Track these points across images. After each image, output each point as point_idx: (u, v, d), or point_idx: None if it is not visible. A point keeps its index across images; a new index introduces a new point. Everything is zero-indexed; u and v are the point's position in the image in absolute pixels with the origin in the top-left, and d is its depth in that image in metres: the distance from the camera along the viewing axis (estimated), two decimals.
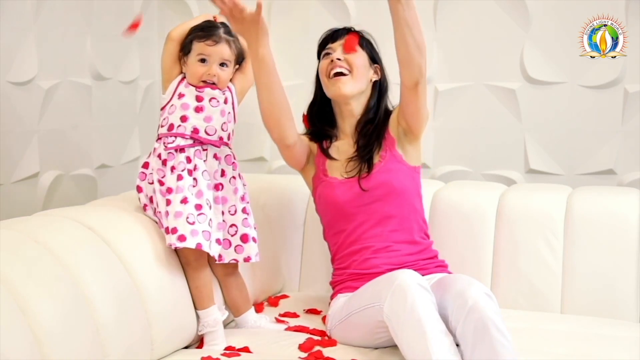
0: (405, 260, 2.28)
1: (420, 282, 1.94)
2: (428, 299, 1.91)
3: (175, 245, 2.04)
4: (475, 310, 1.88)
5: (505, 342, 1.86)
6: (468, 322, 1.89)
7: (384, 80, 2.43)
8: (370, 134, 2.34)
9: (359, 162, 2.32)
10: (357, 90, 2.34)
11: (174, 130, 2.13)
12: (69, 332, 1.70)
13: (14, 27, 2.50)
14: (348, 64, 2.33)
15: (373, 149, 2.32)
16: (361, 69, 2.34)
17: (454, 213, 2.62)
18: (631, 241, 2.48)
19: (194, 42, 2.15)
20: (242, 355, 2.06)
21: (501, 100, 2.99)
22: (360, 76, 2.34)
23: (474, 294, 1.92)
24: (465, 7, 2.99)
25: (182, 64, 2.18)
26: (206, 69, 2.14)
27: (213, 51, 2.14)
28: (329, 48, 2.36)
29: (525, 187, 2.76)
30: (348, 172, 2.33)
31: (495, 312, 1.90)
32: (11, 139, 2.51)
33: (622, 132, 2.88)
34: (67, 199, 2.71)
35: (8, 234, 1.83)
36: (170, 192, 2.09)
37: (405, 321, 1.89)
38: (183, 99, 2.14)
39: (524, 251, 2.55)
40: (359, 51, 2.36)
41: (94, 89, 2.88)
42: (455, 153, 3.07)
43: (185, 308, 2.11)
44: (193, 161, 2.12)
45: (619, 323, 2.39)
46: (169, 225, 2.05)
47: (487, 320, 1.87)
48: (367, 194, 2.29)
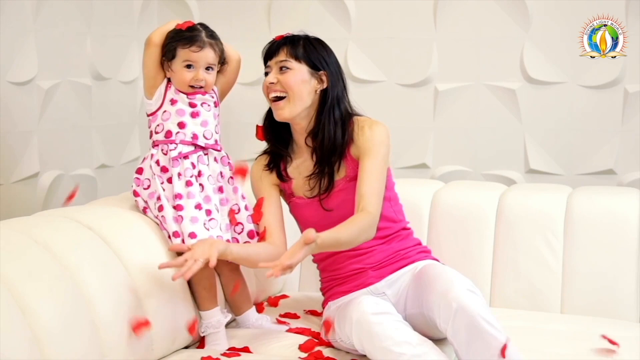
0: (380, 258, 2.26)
1: (375, 310, 1.95)
2: (389, 324, 1.92)
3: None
4: (462, 310, 1.89)
5: (496, 333, 1.88)
6: (457, 323, 1.90)
7: (334, 85, 2.24)
8: (326, 149, 2.22)
9: (318, 180, 2.23)
10: (297, 111, 2.21)
11: (173, 137, 2.14)
12: (69, 331, 1.70)
13: (14, 27, 2.50)
14: (283, 87, 2.20)
15: (332, 164, 2.22)
16: (298, 87, 2.19)
17: (454, 213, 2.62)
18: (631, 241, 2.48)
19: (178, 49, 2.14)
20: (242, 355, 2.06)
21: (501, 100, 2.99)
22: (298, 96, 2.20)
23: (457, 294, 1.92)
24: (465, 7, 2.99)
25: (166, 69, 2.18)
26: (193, 75, 2.15)
27: (199, 57, 2.14)
28: (268, 67, 2.25)
29: (525, 187, 2.76)
30: (309, 191, 2.26)
31: (481, 307, 1.91)
32: (11, 139, 2.51)
33: (622, 132, 2.88)
34: None
35: (8, 234, 1.83)
36: (180, 198, 2.10)
37: (377, 352, 1.91)
38: (177, 105, 2.15)
39: (524, 251, 2.55)
40: (294, 67, 2.20)
41: (94, 89, 2.88)
42: (455, 153, 3.07)
43: (185, 308, 2.11)
44: (197, 167, 2.14)
45: (619, 323, 2.39)
46: (186, 230, 2.06)
47: (476, 318, 1.88)
48: (332, 213, 2.22)
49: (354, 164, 2.22)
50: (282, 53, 2.22)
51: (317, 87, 2.23)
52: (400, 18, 3.05)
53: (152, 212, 2.15)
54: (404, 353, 1.87)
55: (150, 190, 2.15)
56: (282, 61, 2.21)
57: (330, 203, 2.23)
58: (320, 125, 2.22)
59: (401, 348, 1.87)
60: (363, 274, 2.24)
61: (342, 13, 3.10)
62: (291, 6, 3.17)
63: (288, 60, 2.21)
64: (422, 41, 3.04)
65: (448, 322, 1.91)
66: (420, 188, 2.75)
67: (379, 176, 2.17)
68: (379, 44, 3.10)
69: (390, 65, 3.10)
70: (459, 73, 3.03)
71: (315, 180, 2.24)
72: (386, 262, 2.25)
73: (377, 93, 3.12)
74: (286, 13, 3.17)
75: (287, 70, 2.20)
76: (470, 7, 2.99)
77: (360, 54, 3.11)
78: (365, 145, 2.19)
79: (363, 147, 2.19)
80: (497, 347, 1.86)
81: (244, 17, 3.21)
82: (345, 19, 3.10)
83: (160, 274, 2.04)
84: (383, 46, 3.10)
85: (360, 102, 3.14)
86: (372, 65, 3.12)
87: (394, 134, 3.11)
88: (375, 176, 2.16)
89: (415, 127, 3.10)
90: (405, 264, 2.25)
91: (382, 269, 2.24)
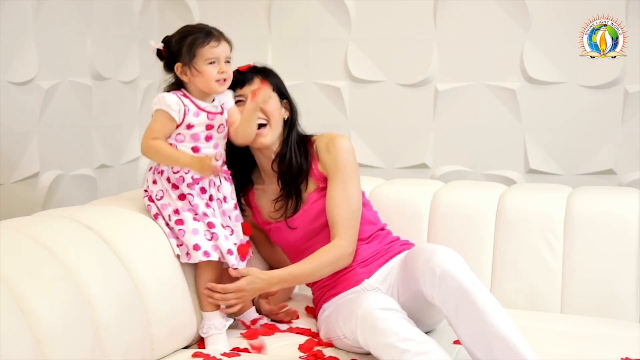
0: (366, 255, 2.30)
1: (381, 305, 1.96)
2: (394, 320, 1.93)
3: (199, 259, 2.08)
4: (446, 274, 1.94)
5: (482, 293, 1.92)
6: (443, 287, 1.94)
7: (294, 111, 2.34)
8: (292, 173, 2.29)
9: (285, 202, 2.30)
10: (276, 137, 2.28)
11: None
12: (69, 332, 1.70)
13: (14, 27, 2.50)
14: (265, 114, 2.24)
15: (299, 185, 2.30)
16: (276, 114, 2.27)
17: (454, 213, 2.62)
18: (631, 241, 2.47)
19: (197, 48, 2.11)
20: (242, 355, 2.06)
21: (501, 100, 2.99)
22: (277, 123, 2.27)
23: (440, 259, 1.97)
24: (465, 7, 2.99)
25: (184, 74, 2.13)
26: (219, 69, 2.12)
27: (220, 52, 2.13)
28: (240, 95, 2.25)
29: (525, 187, 2.76)
30: (275, 213, 2.32)
31: (465, 270, 1.96)
32: (11, 139, 2.51)
33: (622, 132, 2.88)
34: (67, 199, 2.71)
35: (8, 234, 1.83)
36: (183, 212, 2.11)
37: (381, 348, 1.91)
38: (192, 130, 2.12)
39: (524, 251, 2.55)
40: (271, 95, 2.26)
41: (94, 89, 2.88)
42: (455, 153, 3.07)
43: (185, 308, 2.11)
44: (208, 191, 2.13)
45: (619, 323, 2.39)
46: (190, 242, 2.08)
47: (461, 281, 1.93)
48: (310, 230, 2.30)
49: (322, 176, 2.30)
50: (256, 81, 2.27)
51: (285, 115, 2.31)
52: (400, 18, 3.06)
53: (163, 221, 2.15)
54: (408, 350, 1.86)
55: (164, 201, 2.14)
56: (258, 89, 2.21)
57: (295, 222, 2.30)
58: (288, 150, 2.29)
59: (405, 345, 1.87)
60: (352, 273, 2.27)
61: (342, 13, 3.10)
62: (291, 6, 3.17)
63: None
64: (422, 41, 3.04)
65: (434, 289, 1.96)
66: (420, 188, 2.75)
67: (350, 198, 2.26)
68: (379, 44, 3.10)
69: (390, 65, 3.10)
70: (459, 73, 3.03)
71: (282, 203, 2.30)
72: (372, 258, 2.29)
73: (377, 93, 3.12)
74: (286, 13, 3.17)
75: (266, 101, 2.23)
76: (470, 7, 2.99)
77: (360, 54, 3.11)
78: (331, 166, 2.28)
79: (330, 167, 2.28)
80: (484, 305, 1.89)
81: (244, 17, 3.21)
82: (345, 19, 3.10)
83: (160, 274, 2.04)
84: (383, 46, 3.10)
85: (360, 102, 3.16)
86: (372, 65, 3.12)
87: (394, 134, 3.14)
88: (346, 199, 2.25)
89: (415, 127, 3.10)
90: (391, 256, 2.30)
91: (370, 265, 2.28)
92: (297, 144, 2.31)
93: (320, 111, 3.17)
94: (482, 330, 1.88)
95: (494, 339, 1.87)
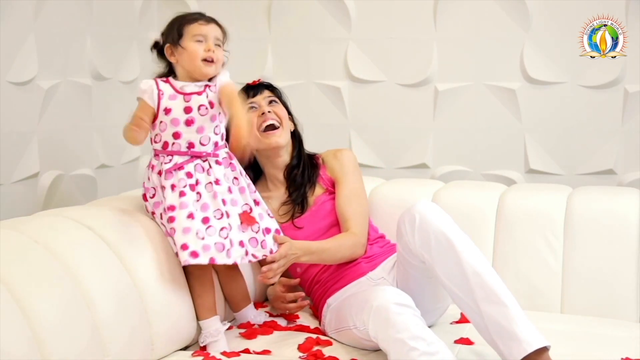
0: (369, 253, 2.37)
1: (397, 300, 1.96)
2: (408, 317, 1.92)
3: (188, 263, 2.00)
4: (424, 219, 2.05)
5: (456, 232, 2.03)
6: (423, 230, 2.04)
7: (297, 125, 2.53)
8: (301, 178, 2.45)
9: (292, 206, 2.43)
10: (288, 139, 2.46)
11: (169, 149, 2.10)
12: (69, 331, 1.70)
13: (14, 27, 2.50)
14: (277, 116, 2.43)
15: (306, 191, 2.44)
16: (286, 119, 2.46)
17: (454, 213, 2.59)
18: (631, 241, 2.48)
19: (185, 27, 2.11)
20: (242, 355, 2.06)
21: (501, 100, 2.99)
22: (287, 126, 2.46)
23: (419, 207, 2.08)
24: (465, 7, 2.99)
25: (171, 55, 2.13)
26: (205, 46, 2.11)
27: (208, 30, 2.12)
28: (252, 102, 2.44)
29: (525, 187, 2.76)
30: (281, 217, 2.41)
31: (440, 214, 2.07)
32: (11, 139, 2.51)
33: (622, 132, 2.88)
34: (67, 199, 2.71)
35: (8, 234, 1.83)
36: (173, 210, 2.06)
37: (390, 342, 1.91)
38: (171, 115, 2.09)
39: (524, 251, 2.55)
40: (279, 103, 2.48)
41: (94, 89, 2.88)
42: (455, 153, 3.07)
43: (185, 308, 2.11)
44: (194, 176, 2.09)
45: (619, 323, 2.39)
46: (178, 242, 2.02)
47: (438, 224, 2.04)
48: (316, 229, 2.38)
49: (330, 180, 2.47)
50: (266, 92, 2.48)
51: (291, 126, 2.50)
52: (400, 18, 3.06)
53: (158, 219, 2.14)
54: (417, 348, 1.86)
55: (156, 199, 2.13)
56: (269, 96, 2.47)
57: (302, 222, 2.41)
58: (299, 160, 2.47)
59: (415, 342, 1.87)
60: (357, 266, 2.34)
61: (342, 13, 3.10)
62: (291, 6, 3.17)
63: (274, 97, 2.48)
64: (422, 41, 3.04)
65: (414, 234, 2.05)
66: (420, 188, 2.76)
67: (360, 199, 2.43)
68: (379, 44, 3.10)
69: (390, 65, 3.11)
70: (459, 73, 3.03)
71: (289, 207, 2.43)
72: (375, 255, 2.37)
73: (377, 93, 3.12)
74: (286, 13, 3.18)
75: (276, 104, 2.47)
76: (470, 7, 2.99)
77: (360, 54, 3.12)
78: (341, 171, 2.46)
79: (339, 172, 2.46)
80: (461, 244, 2.00)
81: (244, 17, 3.21)
82: (345, 19, 3.10)
83: (160, 274, 2.04)
84: (383, 46, 3.10)
85: (361, 102, 3.16)
86: (372, 65, 3.12)
87: (394, 133, 3.14)
88: (357, 198, 2.41)
89: (415, 127, 3.10)
90: (392, 252, 2.36)
91: (374, 260, 2.36)
92: (308, 156, 2.51)
93: (320, 111, 3.17)
94: (460, 267, 1.98)
95: (471, 274, 1.96)
